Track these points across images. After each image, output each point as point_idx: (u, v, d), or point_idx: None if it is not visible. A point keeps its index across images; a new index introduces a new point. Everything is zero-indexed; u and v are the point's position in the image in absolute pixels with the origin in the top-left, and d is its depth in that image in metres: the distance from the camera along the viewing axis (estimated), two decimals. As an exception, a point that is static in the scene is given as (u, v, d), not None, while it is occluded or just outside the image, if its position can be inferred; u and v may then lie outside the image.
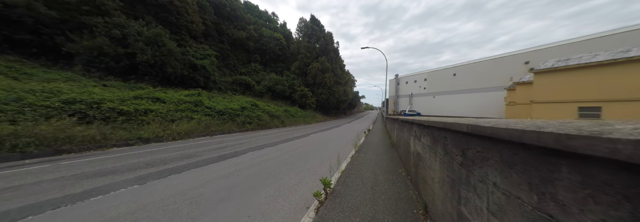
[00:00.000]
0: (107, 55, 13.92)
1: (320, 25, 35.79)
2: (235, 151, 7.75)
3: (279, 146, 9.36)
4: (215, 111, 14.37)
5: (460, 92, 44.73)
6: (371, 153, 7.81)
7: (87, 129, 7.49)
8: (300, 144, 10.09)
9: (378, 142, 10.67)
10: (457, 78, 45.63)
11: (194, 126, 11.77)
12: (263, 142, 10.28)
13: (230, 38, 28.78)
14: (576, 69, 14.99)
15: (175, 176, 4.75)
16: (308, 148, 9.04)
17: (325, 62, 34.45)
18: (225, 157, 6.72)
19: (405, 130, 5.36)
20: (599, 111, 14.18)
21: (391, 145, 9.74)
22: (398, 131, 7.61)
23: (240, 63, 30.79)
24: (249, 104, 18.70)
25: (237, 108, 16.53)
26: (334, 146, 9.76)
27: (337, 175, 5.04)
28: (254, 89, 27.85)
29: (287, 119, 24.06)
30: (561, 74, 15.82)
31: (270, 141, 10.82)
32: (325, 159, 6.98)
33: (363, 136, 14.06)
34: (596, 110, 14.25)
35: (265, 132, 15.25)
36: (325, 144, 10.53)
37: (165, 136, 9.65)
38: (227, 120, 14.65)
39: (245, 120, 16.21)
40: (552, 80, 16.34)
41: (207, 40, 25.74)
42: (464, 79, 43.76)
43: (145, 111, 10.18)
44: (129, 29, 15.11)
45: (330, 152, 8.29)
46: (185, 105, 12.89)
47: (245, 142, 10.09)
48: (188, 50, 20.44)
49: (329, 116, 40.39)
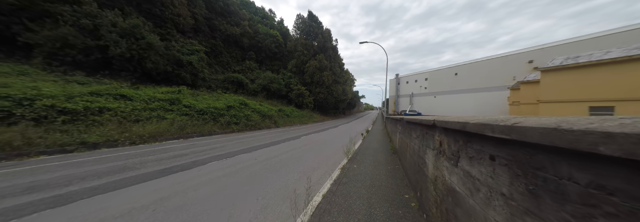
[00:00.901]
0: (73, 47, 12.19)
1: (318, 22, 34.01)
2: (194, 161, 5.97)
3: (257, 152, 7.59)
4: (194, 110, 12.62)
5: (462, 91, 43.47)
6: (367, 164, 6.03)
7: (5, 132, 5.75)
8: (285, 149, 8.32)
9: (377, 147, 8.88)
10: (459, 77, 44.43)
11: (165, 127, 10.02)
12: (240, 147, 8.51)
13: (223, 34, 27.06)
14: (587, 67, 14.02)
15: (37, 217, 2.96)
16: (291, 155, 7.27)
17: (323, 60, 32.66)
18: (170, 172, 4.94)
19: (416, 136, 3.61)
20: (612, 111, 13.30)
21: (392, 151, 7.95)
22: (402, 135, 5.82)
23: (234, 60, 29.06)
24: (237, 103, 16.95)
25: (222, 107, 14.77)
26: (323, 152, 7.97)
27: (311, 208, 3.25)
28: (247, 88, 26.10)
29: (281, 119, 22.30)
30: (570, 72, 14.90)
31: (251, 145, 9.05)
32: (305, 173, 5.20)
33: (360, 139, 12.28)
34: (608, 110, 13.39)
35: (252, 134, 13.49)
36: (314, 149, 8.74)
37: (122, 140, 7.89)
38: (208, 120, 12.89)
39: (230, 120, 14.45)
40: (561, 78, 15.38)
41: (197, 36, 24.01)
42: (466, 79, 42.53)
43: (100, 109, 8.43)
44: (102, 19, 13.39)
45: (316, 161, 6.51)
46: (158, 104, 11.14)
47: (218, 147, 8.33)
48: (174, 45, 18.72)
49: (327, 116, 38.59)
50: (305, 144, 9.90)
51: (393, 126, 9.56)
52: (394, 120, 8.84)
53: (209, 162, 5.90)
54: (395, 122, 8.48)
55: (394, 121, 8.96)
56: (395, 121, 8.57)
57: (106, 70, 13.77)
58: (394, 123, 9.24)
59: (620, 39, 21.95)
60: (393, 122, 9.73)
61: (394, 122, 8.90)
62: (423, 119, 2.87)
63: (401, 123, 6.19)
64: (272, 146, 9.25)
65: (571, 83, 14.88)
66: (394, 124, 8.84)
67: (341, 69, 42.11)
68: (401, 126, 6.14)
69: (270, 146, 9.06)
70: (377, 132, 16.18)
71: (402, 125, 5.78)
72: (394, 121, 9.35)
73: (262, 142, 10.22)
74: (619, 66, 12.90)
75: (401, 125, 6.16)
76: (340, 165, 6.01)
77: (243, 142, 10.04)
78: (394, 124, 8.84)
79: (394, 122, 8.89)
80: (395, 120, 8.45)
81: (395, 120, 8.26)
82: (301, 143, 10.22)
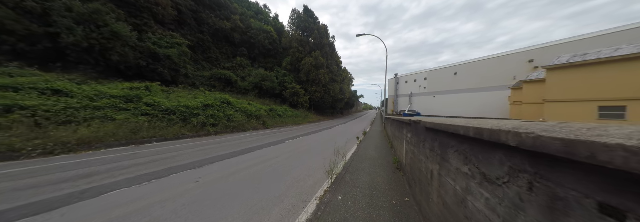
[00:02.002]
0: (12, 33, 9.98)
1: (315, 18, 31.76)
2: (83, 190, 3.75)
3: (211, 167, 5.39)
4: (159, 110, 10.40)
5: (462, 91, 42.14)
6: (360, 192, 3.82)
7: None
8: (252, 161, 6.11)
9: (374, 157, 6.68)
10: (459, 77, 43.09)
11: (111, 130, 7.81)
12: (195, 158, 6.30)
13: (212, 28, 24.81)
14: (596, 65, 13.23)
15: None
16: (254, 172, 5.06)
17: (320, 58, 30.41)
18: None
19: (452, 159, 1.42)
20: (624, 110, 12.52)
21: (397, 166, 5.73)
22: (416, 149, 3.61)
23: (224, 57, 26.81)
24: (218, 102, 14.73)
25: (196, 106, 12.56)
26: (301, 166, 5.76)
27: None
28: (236, 86, 23.86)
29: (272, 120, 20.09)
30: (578, 70, 14.11)
31: (213, 155, 6.84)
32: (249, 219, 3.00)
33: (354, 144, 10.07)
34: (620, 110, 12.62)
35: (230, 138, 11.30)
36: (292, 160, 6.53)
37: (28, 149, 5.68)
38: (176, 122, 10.68)
39: (206, 121, 12.25)
40: (568, 77, 14.60)
41: (182, 29, 21.77)
42: (466, 78, 41.22)
43: (7, 108, 6.21)
44: (53, 3, 11.17)
45: (283, 187, 4.30)
46: (108, 102, 8.91)
47: (164, 159, 6.12)
48: (150, 37, 16.50)
49: (323, 116, 36.37)
50: (286, 152, 7.69)
51: (397, 130, 7.32)
52: (399, 123, 6.59)
53: (107, 193, 3.68)
54: (400, 127, 6.23)
55: (398, 124, 6.71)
56: (400, 124, 6.33)
57: (59, 63, 11.56)
58: (398, 127, 7.00)
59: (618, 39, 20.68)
60: (397, 125, 7.50)
61: (399, 126, 6.65)
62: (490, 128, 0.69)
63: (411, 128, 3.97)
64: (242, 155, 7.04)
65: (579, 82, 13.98)
66: (399, 128, 6.60)
67: (339, 67, 39.88)
68: (412, 133, 3.94)
69: (237, 156, 6.86)
70: (375, 134, 13.98)
71: (416, 132, 3.57)
72: (398, 124, 7.11)
73: (233, 149, 8.00)
74: (631, 64, 11.99)
75: (412, 132, 3.95)
76: (317, 194, 3.81)
77: (208, 149, 7.82)
78: (399, 128, 6.60)
79: (399, 127, 6.64)
80: (400, 123, 6.21)
81: (400, 123, 6.02)
82: (281, 151, 8.01)
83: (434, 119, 3.25)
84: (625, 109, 12.52)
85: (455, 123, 1.62)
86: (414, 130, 3.64)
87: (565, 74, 14.80)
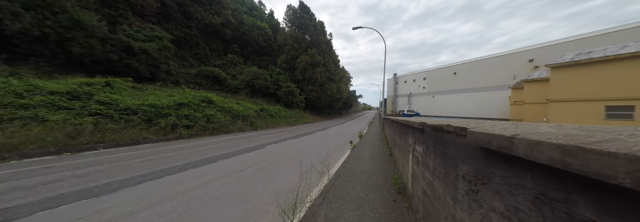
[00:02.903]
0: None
1: (311, 14, 29.97)
2: None
3: (127, 193, 3.63)
4: (115, 109, 8.61)
5: (461, 91, 41.00)
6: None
7: None
8: (201, 180, 4.35)
9: (368, 171, 4.89)
10: (458, 77, 41.91)
11: (36, 134, 6.05)
12: (120, 176, 4.52)
13: (201, 23, 23.03)
14: (602, 62, 12.66)
15: None
16: (173, 208, 3.31)
17: (316, 55, 28.64)
18: None
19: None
20: (632, 110, 12.00)
21: (398, 189, 3.92)
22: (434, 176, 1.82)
23: (215, 54, 25.03)
24: (197, 100, 12.95)
25: (167, 105, 10.79)
26: (262, 194, 3.99)
27: None
28: (226, 84, 22.08)
29: (261, 121, 18.35)
30: (583, 69, 13.53)
31: (155, 168, 5.07)
32: None
33: (347, 149, 8.30)
34: (628, 109, 12.07)
35: (202, 142, 9.55)
36: (255, 179, 4.76)
37: None
38: (137, 123, 8.90)
39: (179, 122, 10.48)
40: (573, 75, 13.98)
41: (166, 23, 19.99)
42: (465, 78, 40.15)
43: None
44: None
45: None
46: (42, 99, 7.13)
47: (79, 177, 4.35)
48: (125, 29, 14.72)
49: (320, 116, 34.62)
50: (257, 162, 5.91)
51: (398, 135, 5.52)
52: (401, 126, 4.78)
53: None
54: (402, 132, 4.43)
55: (400, 127, 4.91)
56: (402, 127, 4.53)
57: (4, 54, 9.78)
58: (399, 132, 5.21)
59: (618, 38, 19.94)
60: (398, 128, 5.70)
61: (400, 130, 4.85)
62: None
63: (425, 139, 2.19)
64: (201, 166, 5.28)
65: (585, 80, 13.42)
66: (401, 133, 4.80)
67: (336, 66, 38.12)
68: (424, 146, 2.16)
69: (188, 170, 5.09)
70: (372, 137, 12.21)
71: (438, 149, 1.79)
72: (399, 127, 5.32)
73: (187, 159, 6.21)
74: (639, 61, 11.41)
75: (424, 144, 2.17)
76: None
77: (158, 160, 6.04)
78: (401, 133, 4.80)
79: (400, 131, 4.84)
80: (402, 126, 4.40)
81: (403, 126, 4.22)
82: (251, 161, 6.22)
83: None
84: (633, 109, 11.95)
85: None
86: (433, 144, 1.87)
87: (570, 72, 14.12)
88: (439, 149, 1.75)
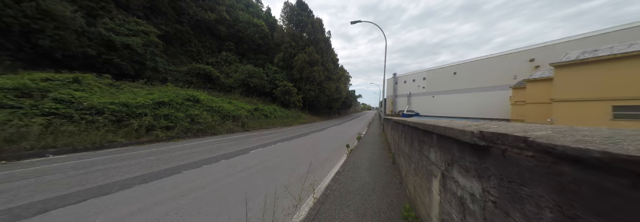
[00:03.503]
0: None
1: (308, 11, 28.77)
2: None
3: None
4: (76, 108, 7.42)
5: (461, 91, 40.16)
6: None
7: None
8: (132, 207, 3.17)
9: (368, 187, 3.67)
10: (458, 77, 41.03)
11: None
12: (23, 201, 3.32)
13: (193, 19, 21.83)
14: (609, 61, 12.16)
15: None
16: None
17: (314, 54, 27.44)
18: None
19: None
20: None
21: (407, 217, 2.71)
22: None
23: (208, 51, 23.83)
24: (180, 98, 11.77)
25: (143, 103, 9.59)
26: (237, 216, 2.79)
27: None
28: (218, 82, 20.87)
29: (255, 121, 17.15)
30: (589, 68, 13.00)
31: (77, 188, 3.88)
32: None
33: (343, 155, 7.10)
34: (636, 109, 11.62)
35: (179, 145, 8.35)
36: (216, 203, 3.56)
37: None
38: (103, 124, 7.70)
39: (155, 123, 9.28)
40: (578, 74, 13.44)
41: (156, 18, 18.79)
42: (465, 78, 39.35)
43: None
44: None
45: None
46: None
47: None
48: (106, 22, 13.52)
49: (318, 116, 33.41)
50: (228, 175, 4.72)
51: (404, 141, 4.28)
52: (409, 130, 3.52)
53: None
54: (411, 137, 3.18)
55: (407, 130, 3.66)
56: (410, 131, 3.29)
57: (-44, 46, 8.60)
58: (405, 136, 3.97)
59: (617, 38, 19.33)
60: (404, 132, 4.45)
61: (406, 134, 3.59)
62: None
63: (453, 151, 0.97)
64: (160, 179, 4.09)
65: (590, 80, 12.90)
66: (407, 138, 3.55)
67: (335, 65, 36.91)
68: (464, 168, 0.96)
69: (113, 192, 3.88)
70: (371, 139, 11.00)
71: (483, 174, 0.60)
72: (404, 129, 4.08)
73: (149, 169, 5.01)
74: None
75: (463, 165, 0.97)
76: None
77: (101, 171, 4.83)
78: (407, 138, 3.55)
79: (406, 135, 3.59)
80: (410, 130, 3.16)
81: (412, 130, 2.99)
82: (222, 173, 5.02)
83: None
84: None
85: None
86: (505, 178, 0.68)
87: (575, 71, 13.58)
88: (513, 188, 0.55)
